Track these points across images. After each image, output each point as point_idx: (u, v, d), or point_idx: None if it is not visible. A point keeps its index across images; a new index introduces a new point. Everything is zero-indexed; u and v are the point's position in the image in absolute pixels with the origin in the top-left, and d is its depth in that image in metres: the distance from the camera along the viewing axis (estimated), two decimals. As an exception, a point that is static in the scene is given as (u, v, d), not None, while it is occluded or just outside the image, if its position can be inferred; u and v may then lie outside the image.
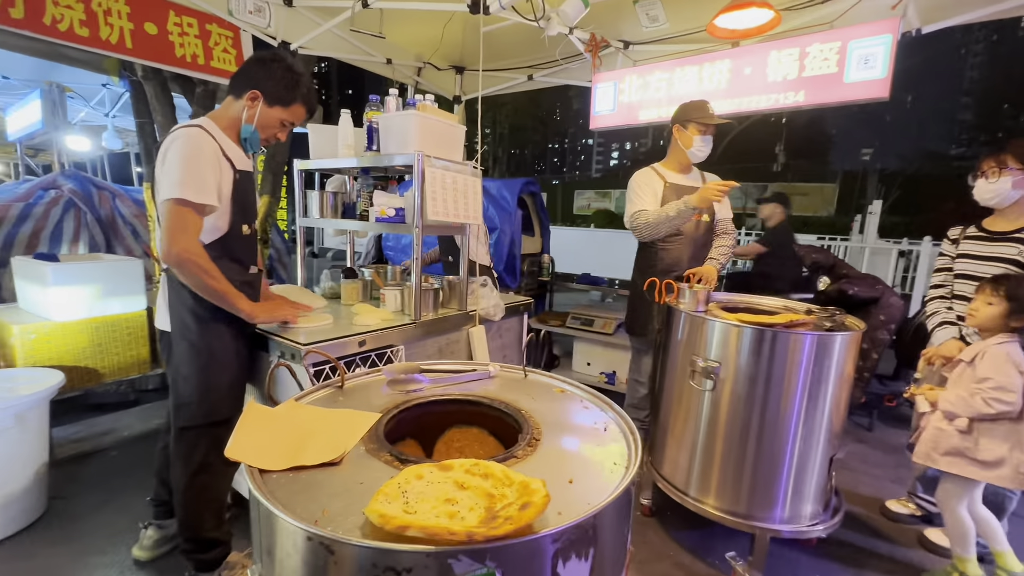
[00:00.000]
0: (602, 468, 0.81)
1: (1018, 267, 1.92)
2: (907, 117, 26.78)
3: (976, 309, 1.80)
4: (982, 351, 1.75)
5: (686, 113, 2.37)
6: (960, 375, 1.80)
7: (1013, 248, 1.95)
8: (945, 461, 1.77)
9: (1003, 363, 1.68)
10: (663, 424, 2.13)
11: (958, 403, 1.73)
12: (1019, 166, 1.91)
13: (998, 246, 2.00)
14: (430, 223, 2.00)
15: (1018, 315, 1.70)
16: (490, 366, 1.25)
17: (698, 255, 2.47)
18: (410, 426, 1.09)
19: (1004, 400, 1.64)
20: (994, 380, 1.67)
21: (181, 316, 1.51)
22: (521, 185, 3.67)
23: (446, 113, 2.11)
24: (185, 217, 1.40)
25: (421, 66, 4.18)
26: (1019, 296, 1.70)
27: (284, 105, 1.61)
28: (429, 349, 2.12)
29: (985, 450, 1.70)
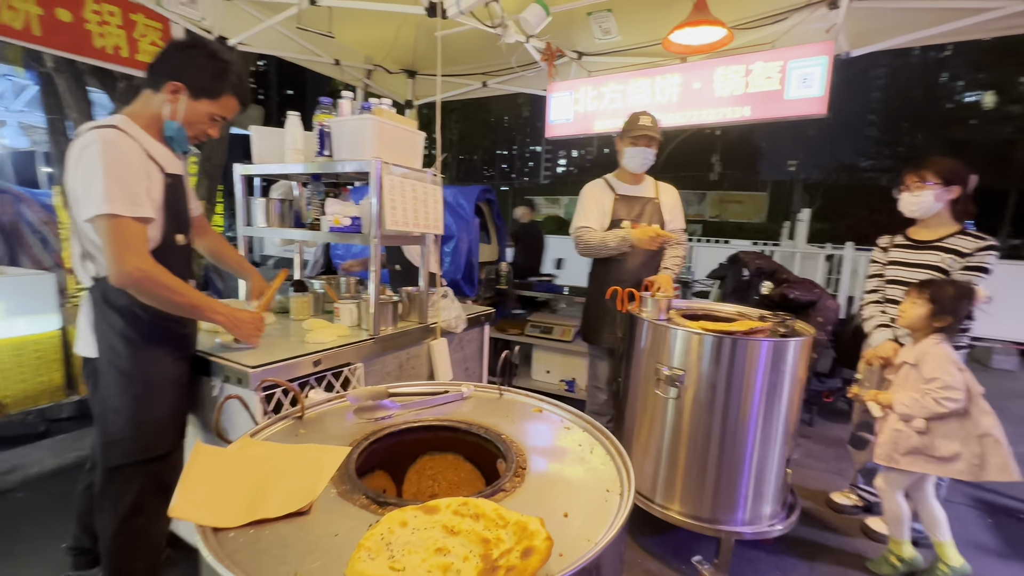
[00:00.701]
0: (596, 497, 0.77)
1: (942, 273, 2.09)
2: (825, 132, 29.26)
3: (904, 311, 1.95)
4: (925, 352, 1.86)
5: (623, 125, 2.45)
6: (907, 377, 1.91)
7: (936, 256, 2.13)
8: (906, 461, 1.86)
9: (945, 362, 1.80)
10: (628, 432, 2.14)
11: (913, 405, 1.82)
12: (938, 181, 2.09)
13: (923, 254, 2.17)
14: (389, 233, 1.91)
15: (940, 316, 1.85)
16: (463, 386, 1.18)
17: (651, 263, 2.51)
18: (380, 456, 1.01)
19: (952, 398, 1.76)
20: (941, 380, 1.78)
21: (109, 340, 1.33)
22: (478, 192, 3.62)
23: (404, 118, 2.03)
24: (125, 232, 1.23)
25: (371, 68, 4.04)
26: (940, 299, 1.85)
27: (212, 97, 1.44)
28: (389, 365, 2.01)
29: (942, 447, 1.80)
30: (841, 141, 29.87)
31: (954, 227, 2.12)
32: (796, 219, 8.22)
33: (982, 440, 1.78)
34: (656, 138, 2.38)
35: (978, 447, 1.78)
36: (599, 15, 3.08)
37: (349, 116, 1.94)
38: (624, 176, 2.52)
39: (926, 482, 1.94)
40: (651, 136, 2.36)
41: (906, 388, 1.89)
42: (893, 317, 2.22)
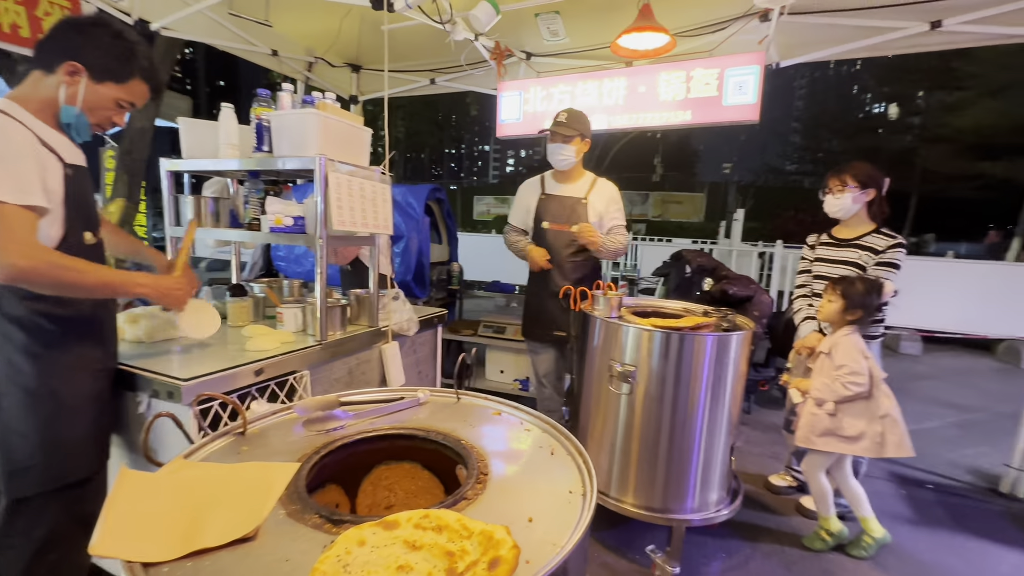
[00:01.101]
0: (559, 499, 0.77)
1: (860, 269, 2.28)
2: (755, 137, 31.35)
3: (822, 306, 2.13)
4: (836, 342, 2.04)
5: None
6: (822, 365, 2.09)
7: (854, 253, 2.32)
8: (821, 441, 2.03)
9: (852, 351, 1.99)
10: (584, 429, 2.17)
11: (824, 390, 2.02)
12: (857, 184, 2.28)
13: (844, 251, 2.36)
14: (335, 234, 1.83)
15: (850, 310, 2.04)
16: (419, 392, 1.14)
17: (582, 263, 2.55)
18: (331, 470, 0.96)
19: (857, 382, 1.95)
20: (848, 366, 1.97)
21: (8, 356, 1.17)
22: (428, 191, 3.55)
23: (350, 114, 1.95)
24: (10, 220, 1.07)
25: (312, 61, 3.86)
26: (850, 295, 2.04)
27: (118, 81, 1.28)
28: (338, 372, 1.93)
29: (849, 427, 1.99)
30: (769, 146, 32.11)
31: (870, 226, 2.32)
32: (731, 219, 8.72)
33: (883, 420, 1.98)
34: (568, 134, 2.37)
35: (879, 426, 1.98)
36: (547, 17, 3.10)
37: (290, 110, 1.83)
38: (557, 174, 2.55)
39: (844, 462, 2.12)
40: (559, 132, 2.37)
41: (821, 375, 2.07)
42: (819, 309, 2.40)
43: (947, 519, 2.46)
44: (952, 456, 3.14)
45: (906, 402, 2.02)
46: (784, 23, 2.66)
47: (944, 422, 3.73)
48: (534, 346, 2.68)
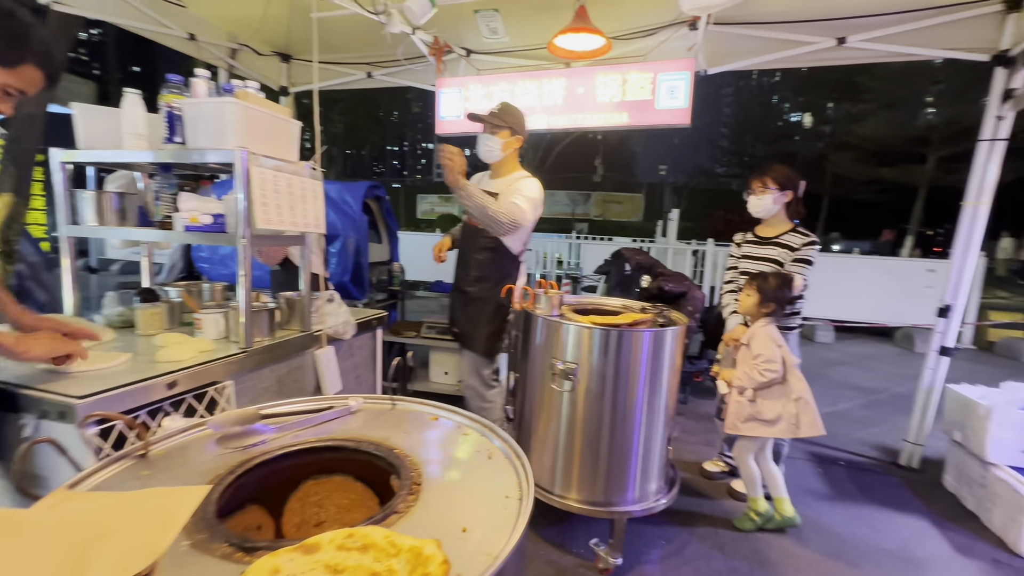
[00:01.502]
0: (495, 505, 0.75)
1: (779, 265, 2.45)
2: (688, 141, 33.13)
3: (742, 301, 2.29)
4: (754, 334, 2.21)
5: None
6: (743, 356, 2.24)
7: (774, 250, 2.49)
8: (745, 427, 2.18)
9: (766, 340, 2.16)
10: (527, 427, 2.17)
11: (744, 379, 2.18)
12: (776, 186, 2.44)
13: (765, 248, 2.52)
14: (261, 233, 1.70)
15: (764, 303, 2.21)
16: (350, 400, 1.08)
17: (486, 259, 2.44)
18: (251, 490, 0.88)
19: (771, 368, 2.12)
20: (763, 355, 2.13)
21: None
22: (366, 189, 3.42)
23: (275, 104, 1.82)
24: None
25: (236, 48, 3.60)
26: (764, 289, 2.20)
27: (6, 65, 1.15)
28: (266, 380, 1.80)
29: (767, 411, 2.14)
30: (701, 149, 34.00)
31: (788, 226, 2.50)
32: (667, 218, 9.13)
33: (796, 403, 2.15)
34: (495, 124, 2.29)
35: (794, 408, 2.14)
36: (486, 14, 3.08)
37: (206, 99, 1.68)
38: (492, 169, 2.48)
39: (766, 446, 2.28)
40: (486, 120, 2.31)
41: (743, 365, 2.22)
42: (746, 304, 2.56)
43: (857, 493, 2.70)
44: (861, 435, 3.46)
45: (821, 386, 2.19)
46: (711, 32, 2.80)
47: (853, 404, 4.10)
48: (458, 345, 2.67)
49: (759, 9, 2.73)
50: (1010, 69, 2.51)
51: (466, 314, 2.51)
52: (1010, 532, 2.24)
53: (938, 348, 2.83)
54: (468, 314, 2.50)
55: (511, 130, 2.36)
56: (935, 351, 2.84)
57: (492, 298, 2.42)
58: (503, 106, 2.38)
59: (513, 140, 2.38)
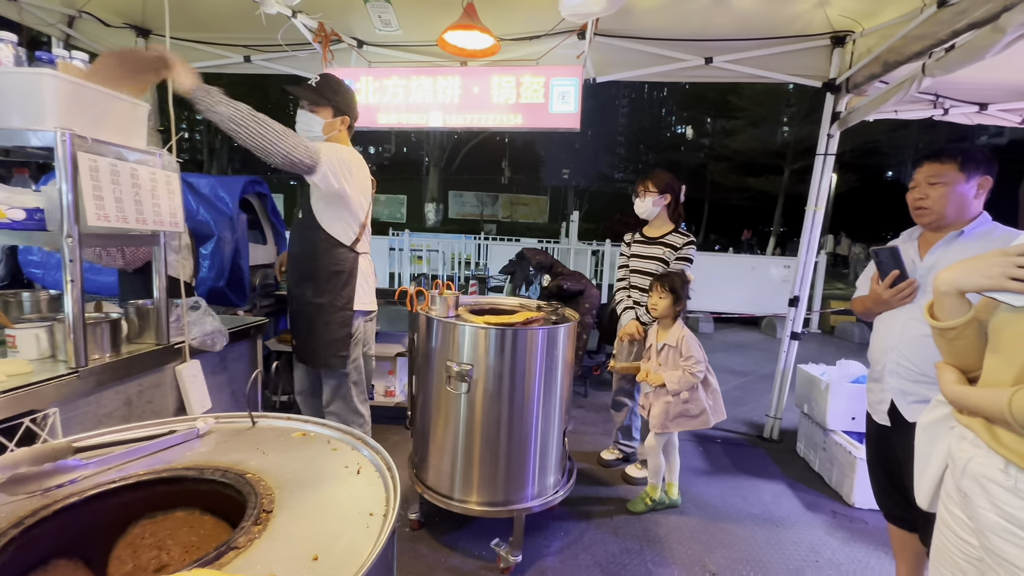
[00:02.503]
0: (356, 525, 0.69)
1: (663, 263, 2.65)
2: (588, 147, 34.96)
3: (655, 304, 2.37)
4: (681, 336, 2.30)
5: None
6: (667, 358, 2.33)
7: (659, 249, 2.68)
8: (674, 424, 2.28)
9: (694, 343, 2.29)
10: (424, 434, 2.11)
11: (681, 382, 2.24)
12: (656, 190, 2.63)
13: (651, 247, 2.71)
14: (94, 231, 1.45)
15: (677, 303, 2.34)
16: (199, 421, 0.94)
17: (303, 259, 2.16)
18: (54, 540, 0.72)
19: (702, 369, 2.25)
20: (694, 356, 2.25)
21: None
22: (243, 184, 3.09)
23: (112, 81, 1.56)
24: None
25: (74, 15, 3.07)
26: (676, 289, 2.33)
27: None
28: (110, 404, 1.54)
29: (694, 407, 2.28)
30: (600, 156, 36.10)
31: (670, 227, 2.70)
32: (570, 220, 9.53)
33: (713, 394, 2.33)
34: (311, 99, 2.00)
35: (712, 400, 2.32)
36: (377, 4, 2.95)
37: (12, 67, 1.39)
38: None
39: (674, 438, 2.43)
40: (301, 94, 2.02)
41: (667, 367, 2.32)
42: (637, 300, 2.72)
43: (730, 466, 3.00)
44: (735, 413, 3.87)
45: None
46: (597, 43, 2.94)
47: (729, 386, 4.59)
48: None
49: (639, 24, 2.93)
50: (836, 95, 2.96)
51: (300, 324, 2.09)
52: (844, 487, 2.64)
53: (790, 333, 3.25)
54: (303, 324, 2.08)
55: (334, 109, 1.99)
56: (787, 336, 3.26)
57: (325, 303, 2.03)
58: (324, 78, 1.99)
59: (337, 121, 2.01)
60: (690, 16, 2.81)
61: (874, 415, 1.70)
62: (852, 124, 2.95)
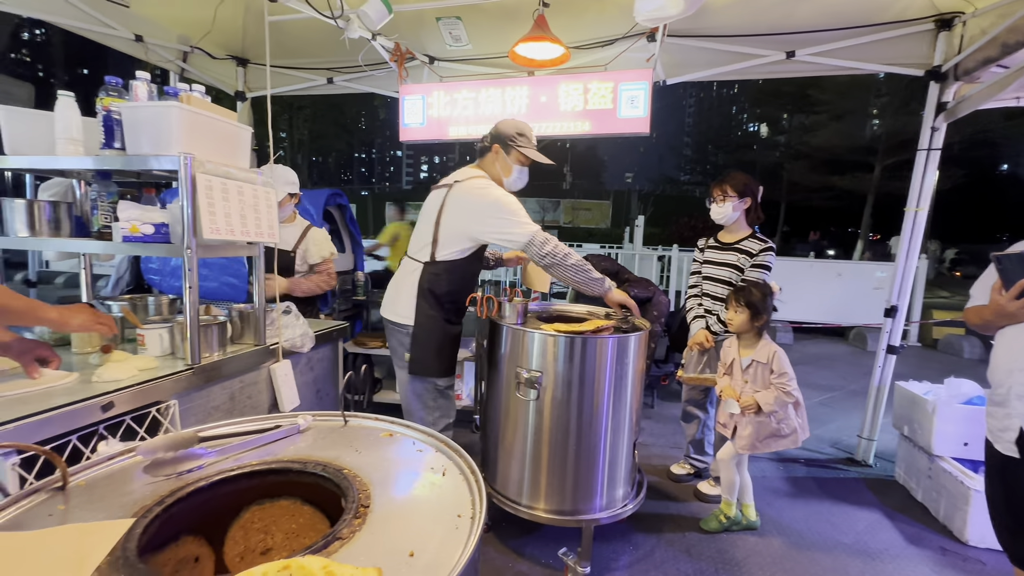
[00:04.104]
0: (446, 525, 0.72)
1: (737, 270, 2.51)
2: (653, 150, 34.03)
3: (731, 319, 2.25)
4: (771, 352, 2.17)
5: (512, 138, 2.08)
6: (756, 374, 2.20)
7: (734, 256, 2.55)
8: (764, 445, 2.17)
9: (785, 359, 2.16)
10: (493, 438, 2.14)
11: (778, 402, 2.11)
12: (735, 194, 2.50)
13: (726, 254, 2.58)
14: (208, 243, 1.62)
15: (756, 317, 2.20)
16: (299, 418, 1.03)
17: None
18: (186, 520, 0.82)
19: (795, 387, 2.12)
20: (787, 374, 2.13)
21: None
22: (326, 197, 3.33)
23: (224, 109, 1.75)
24: None
25: (188, 51, 3.46)
26: (753, 302, 2.19)
27: None
28: (217, 398, 1.71)
29: (786, 426, 2.15)
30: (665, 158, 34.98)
31: (747, 231, 2.56)
32: (634, 225, 9.31)
33: (802, 412, 2.19)
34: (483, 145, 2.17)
35: (801, 418, 2.18)
36: (448, 21, 3.07)
37: (146, 102, 1.60)
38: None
39: (745, 457, 2.29)
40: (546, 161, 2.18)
41: (755, 385, 2.19)
42: (708, 308, 2.61)
43: (816, 489, 2.78)
44: (819, 432, 3.58)
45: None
46: (668, 44, 2.87)
47: (813, 402, 4.25)
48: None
49: (713, 22, 2.82)
50: (942, 84, 2.68)
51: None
52: (955, 521, 2.35)
53: (886, 347, 2.96)
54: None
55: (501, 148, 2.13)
56: (883, 350, 2.97)
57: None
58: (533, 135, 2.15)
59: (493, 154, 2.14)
60: (769, 9, 2.67)
61: (997, 444, 1.51)
62: (963, 115, 2.65)
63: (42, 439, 1.14)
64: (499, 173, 2.16)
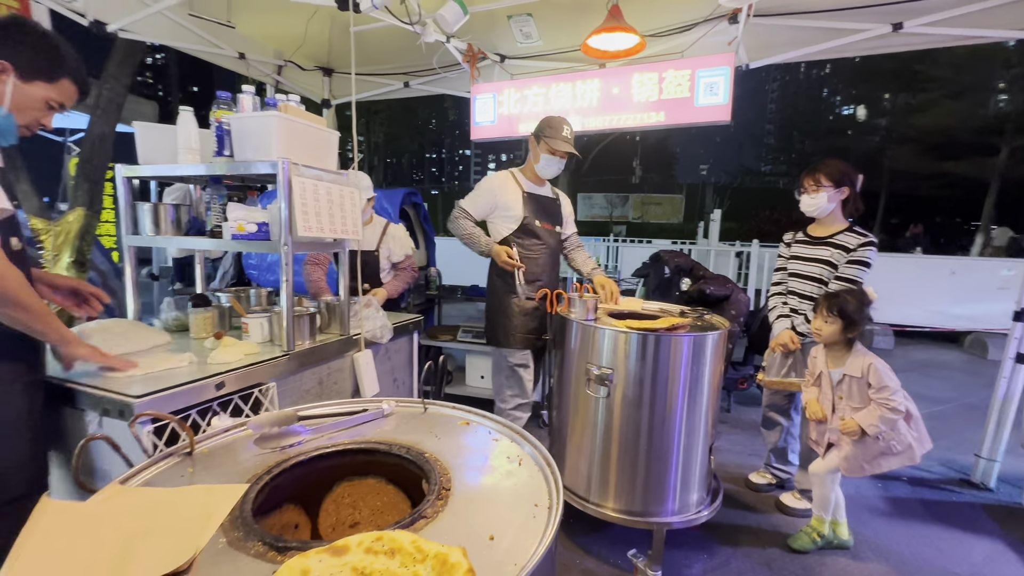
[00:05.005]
0: (524, 513, 0.73)
1: (830, 266, 2.31)
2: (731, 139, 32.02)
3: (819, 328, 2.06)
4: (867, 365, 1.97)
5: (542, 129, 2.39)
6: (851, 389, 2.00)
7: (827, 251, 2.34)
8: (873, 466, 1.97)
9: (886, 371, 1.95)
10: (561, 433, 2.14)
11: (884, 421, 1.90)
12: (830, 183, 2.29)
13: (817, 249, 2.38)
14: (301, 240, 1.76)
15: (850, 328, 1.99)
16: (383, 403, 1.10)
17: (555, 262, 2.58)
18: (288, 489, 0.90)
19: (899, 401, 1.90)
20: (889, 387, 1.92)
21: None
22: (403, 196, 3.49)
23: (315, 116, 1.89)
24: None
25: (282, 64, 3.78)
26: (847, 312, 1.98)
27: (48, 80, 1.24)
28: (307, 382, 1.86)
29: (898, 442, 1.94)
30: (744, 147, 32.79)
31: (843, 225, 2.34)
32: (709, 219, 8.85)
33: (916, 423, 1.97)
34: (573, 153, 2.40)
35: (916, 431, 1.97)
36: (519, 19, 3.09)
37: (251, 113, 1.77)
38: (529, 173, 2.51)
39: (839, 473, 2.09)
40: (571, 152, 2.38)
41: (852, 401, 2.00)
42: (794, 308, 2.42)
43: (922, 511, 2.49)
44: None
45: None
46: (752, 25, 2.69)
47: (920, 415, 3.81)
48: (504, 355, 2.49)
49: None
50: (1096, 47, 2.27)
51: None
52: (1105, 561, 2.01)
53: (1015, 355, 2.59)
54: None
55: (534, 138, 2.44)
56: (1011, 358, 2.60)
57: None
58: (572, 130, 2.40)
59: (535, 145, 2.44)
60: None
61: None
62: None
63: (170, 411, 1.31)
64: (532, 161, 2.47)
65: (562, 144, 2.33)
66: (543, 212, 2.47)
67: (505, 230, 2.43)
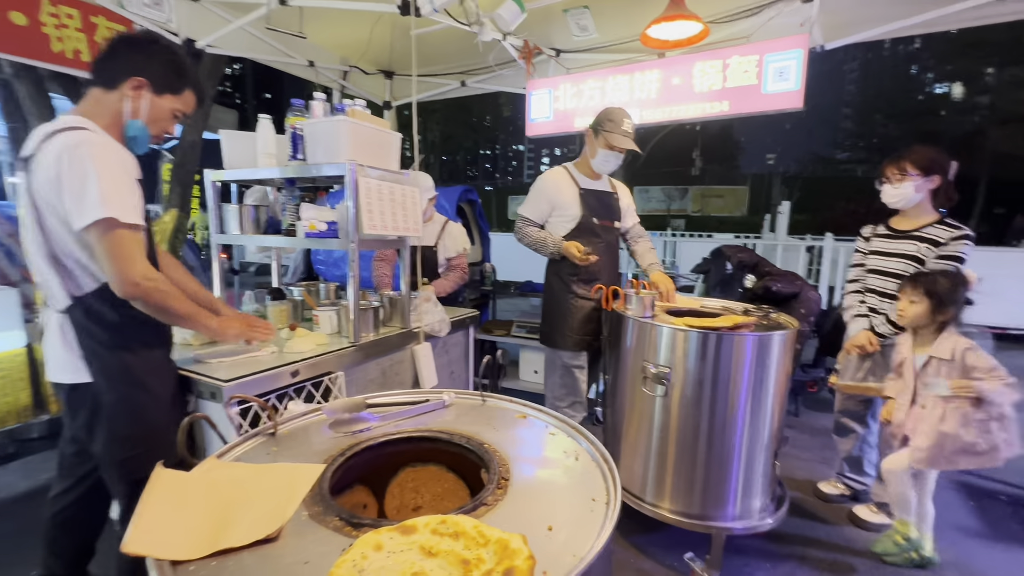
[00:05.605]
0: (581, 506, 0.75)
1: (917, 262, 2.11)
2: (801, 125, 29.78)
3: (903, 309, 1.91)
4: (961, 348, 1.80)
5: (601, 123, 2.30)
6: (937, 374, 1.84)
7: (913, 245, 2.14)
8: (948, 461, 1.81)
9: (985, 353, 1.78)
10: (616, 431, 2.12)
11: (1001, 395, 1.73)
12: (918, 172, 2.09)
13: (901, 243, 2.19)
14: (367, 237, 1.86)
15: (941, 310, 1.82)
16: (444, 394, 1.14)
17: (614, 259, 2.52)
18: (358, 471, 0.97)
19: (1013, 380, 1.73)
20: (997, 368, 1.75)
21: (108, 361, 1.26)
22: (460, 193, 3.58)
23: (379, 119, 1.98)
24: (129, 239, 1.17)
25: (347, 70, 3.97)
26: (937, 291, 1.82)
27: (175, 92, 1.39)
28: (371, 372, 1.97)
29: (984, 441, 1.78)
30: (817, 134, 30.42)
31: (933, 216, 2.14)
32: (776, 212, 8.34)
33: (1007, 425, 1.78)
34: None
35: (1006, 431, 1.78)
36: (575, 12, 3.06)
37: (322, 118, 1.88)
38: (584, 167, 2.45)
39: (930, 477, 1.93)
40: (632, 148, 2.30)
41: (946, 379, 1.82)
42: (872, 307, 2.25)
43: (1022, 533, 2.24)
44: (1030, 465, 2.87)
45: (975, 406, 1.84)
46: (828, 2, 2.50)
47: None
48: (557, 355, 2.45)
49: (891, -32, 2.38)
50: None
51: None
52: None
53: None
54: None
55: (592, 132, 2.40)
56: None
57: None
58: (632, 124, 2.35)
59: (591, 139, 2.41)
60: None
61: None
62: None
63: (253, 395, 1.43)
64: (588, 155, 2.41)
65: (622, 140, 2.25)
66: (601, 208, 2.43)
67: (563, 230, 2.38)
